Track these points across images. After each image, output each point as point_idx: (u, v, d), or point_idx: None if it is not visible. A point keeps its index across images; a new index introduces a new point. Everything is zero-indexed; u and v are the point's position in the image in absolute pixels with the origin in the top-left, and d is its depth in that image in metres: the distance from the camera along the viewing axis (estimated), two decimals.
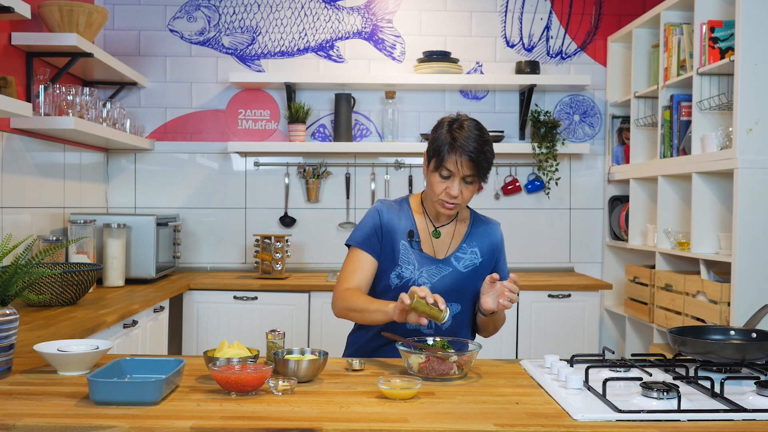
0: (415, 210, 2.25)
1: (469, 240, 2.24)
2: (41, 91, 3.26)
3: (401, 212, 2.23)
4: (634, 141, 4.18)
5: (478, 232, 2.26)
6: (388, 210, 2.22)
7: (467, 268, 2.21)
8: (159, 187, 4.43)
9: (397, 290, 2.15)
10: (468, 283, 2.20)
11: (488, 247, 2.26)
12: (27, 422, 1.43)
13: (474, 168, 2.07)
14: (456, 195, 2.09)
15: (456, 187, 2.08)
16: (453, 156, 2.06)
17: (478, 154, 2.06)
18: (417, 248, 2.19)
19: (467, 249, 2.23)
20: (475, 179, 2.11)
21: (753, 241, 2.99)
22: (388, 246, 2.18)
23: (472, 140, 2.06)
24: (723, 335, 2.01)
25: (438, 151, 2.09)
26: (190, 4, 4.39)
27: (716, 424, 1.47)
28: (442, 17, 4.47)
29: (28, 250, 1.89)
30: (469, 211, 2.31)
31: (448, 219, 2.25)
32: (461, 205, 2.14)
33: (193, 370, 1.87)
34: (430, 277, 2.17)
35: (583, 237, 4.54)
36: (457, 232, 2.25)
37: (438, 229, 2.23)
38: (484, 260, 2.24)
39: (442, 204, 2.13)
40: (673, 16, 3.70)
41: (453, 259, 2.21)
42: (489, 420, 1.48)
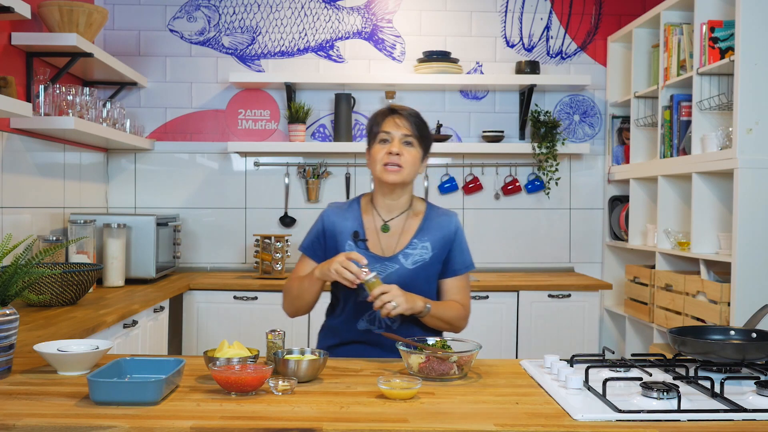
0: (364, 209, 2.24)
1: (421, 234, 2.19)
2: (41, 91, 3.26)
3: (349, 213, 2.23)
4: (634, 141, 4.18)
5: (432, 226, 2.21)
6: (334, 213, 2.24)
7: (415, 264, 2.16)
8: (159, 187, 4.43)
9: (343, 292, 2.18)
10: (415, 280, 2.15)
11: (440, 240, 2.20)
12: (27, 422, 1.43)
13: (410, 127, 2.13)
14: (397, 152, 2.11)
15: (396, 145, 2.12)
16: (389, 119, 2.15)
17: (412, 116, 2.15)
18: (363, 248, 2.18)
19: (418, 244, 2.18)
20: (414, 141, 2.14)
21: (753, 241, 2.98)
22: (332, 249, 2.20)
23: (403, 107, 2.17)
24: (723, 335, 2.01)
25: (374, 123, 2.17)
26: (190, 4, 4.39)
27: (716, 424, 1.47)
28: (442, 17, 4.47)
29: (28, 250, 1.89)
30: (425, 205, 2.27)
31: (398, 211, 2.21)
32: (405, 169, 2.12)
33: (193, 370, 1.87)
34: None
35: (583, 237, 4.54)
36: (409, 226, 2.21)
37: (387, 223, 2.20)
38: (435, 254, 2.18)
39: (384, 169, 2.12)
40: (673, 16, 3.70)
41: (401, 256, 2.17)
42: (489, 420, 1.48)
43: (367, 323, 2.18)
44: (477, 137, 4.47)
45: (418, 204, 2.26)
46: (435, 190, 4.48)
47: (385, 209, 2.21)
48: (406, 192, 2.21)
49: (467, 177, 4.48)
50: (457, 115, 4.48)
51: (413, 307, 2.03)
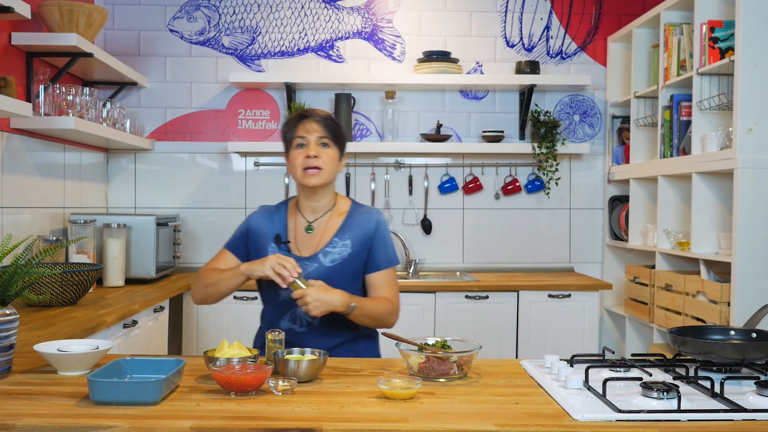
0: (290, 211, 2.29)
1: (342, 233, 2.23)
2: (41, 91, 3.26)
3: (275, 216, 2.28)
4: (634, 141, 4.18)
5: (353, 224, 2.25)
6: (260, 216, 2.30)
7: (334, 262, 2.19)
8: (159, 187, 4.43)
9: (265, 292, 2.23)
10: (334, 277, 2.17)
11: (361, 237, 2.22)
12: (27, 422, 1.43)
13: (324, 129, 2.17)
14: (315, 154, 2.15)
15: (312, 148, 2.16)
16: (302, 124, 2.19)
17: (326, 118, 2.19)
18: (285, 249, 2.22)
19: (338, 242, 2.21)
20: (330, 142, 2.18)
21: (753, 241, 2.98)
22: (255, 251, 2.25)
23: (317, 112, 2.22)
24: (723, 335, 2.01)
25: (288, 129, 2.21)
26: (190, 4, 4.39)
27: (716, 424, 1.47)
28: (442, 17, 4.47)
29: (28, 250, 1.89)
30: (350, 204, 2.31)
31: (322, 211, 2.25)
32: (325, 171, 2.17)
33: (193, 370, 1.87)
34: None
35: (583, 237, 4.54)
36: (331, 225, 2.25)
37: (311, 224, 2.25)
38: (355, 251, 2.21)
39: (305, 173, 2.17)
40: (673, 16, 3.69)
41: (321, 255, 2.20)
42: (489, 420, 1.48)
43: (289, 322, 2.21)
44: (477, 137, 4.47)
45: (342, 203, 2.30)
46: (435, 190, 4.48)
47: (309, 210, 2.26)
48: (328, 192, 2.27)
49: (467, 177, 4.48)
50: (457, 115, 4.48)
51: (329, 308, 2.04)
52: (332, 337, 2.20)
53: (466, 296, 3.91)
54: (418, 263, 4.41)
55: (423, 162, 4.47)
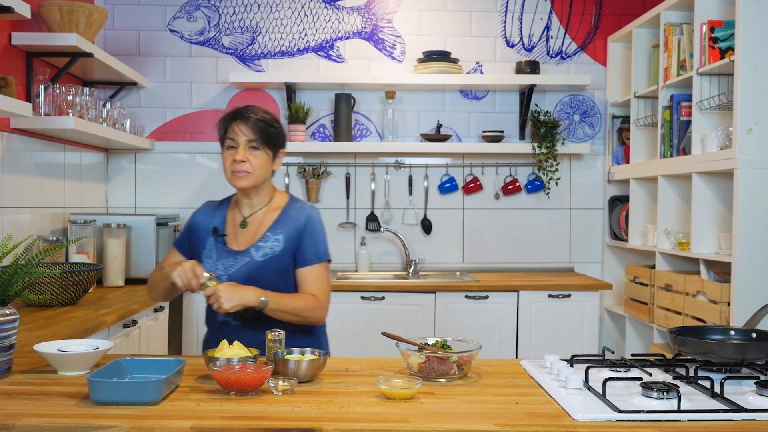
0: (231, 206, 2.32)
1: (275, 228, 2.24)
2: (41, 91, 3.26)
3: (218, 211, 2.32)
4: (634, 141, 4.18)
5: (286, 219, 2.25)
6: (202, 211, 2.34)
7: (265, 257, 2.20)
8: (159, 187, 4.43)
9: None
10: (265, 272, 2.18)
11: (292, 232, 2.23)
12: (27, 422, 1.43)
13: (254, 132, 2.16)
14: (241, 159, 2.15)
15: (240, 153, 2.16)
16: (233, 125, 2.17)
17: (257, 122, 2.16)
18: (222, 243, 2.25)
19: (270, 237, 2.22)
20: (259, 145, 2.17)
21: (753, 241, 2.98)
22: (197, 244, 2.28)
23: (251, 111, 2.18)
24: (723, 335, 2.01)
25: (220, 128, 2.22)
26: (190, 4, 4.39)
27: (716, 424, 1.47)
28: (442, 17, 4.47)
29: (28, 250, 1.89)
30: (288, 200, 2.31)
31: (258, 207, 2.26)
32: (253, 174, 2.18)
33: (193, 370, 1.87)
34: (226, 269, 2.21)
35: (583, 237, 4.54)
36: (266, 220, 2.26)
37: (246, 219, 2.26)
38: (287, 246, 2.21)
39: (233, 176, 2.19)
40: (673, 16, 3.69)
41: (252, 249, 2.22)
42: (489, 420, 1.48)
43: (225, 315, 2.22)
44: (477, 137, 4.47)
45: (280, 199, 2.31)
46: (435, 190, 4.48)
47: (247, 206, 2.28)
48: (262, 191, 2.27)
49: (467, 177, 4.48)
50: (457, 115, 4.48)
51: (240, 302, 2.04)
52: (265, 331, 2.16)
53: (466, 296, 3.90)
54: (418, 263, 4.41)
55: (423, 162, 4.47)
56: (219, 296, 2.02)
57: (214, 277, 2.09)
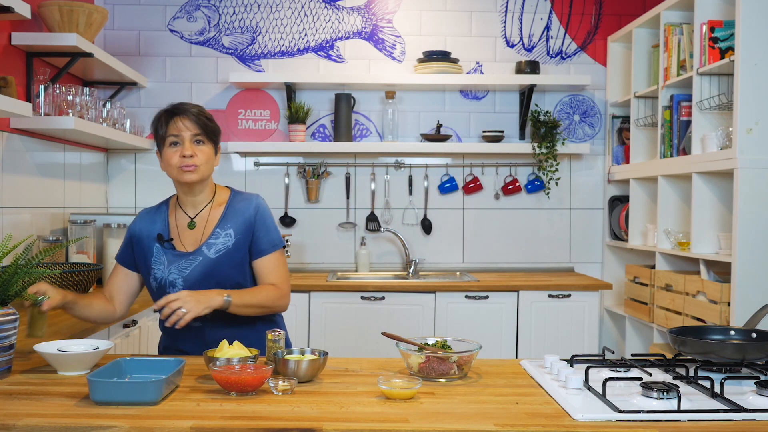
0: (171, 209, 2.28)
1: (223, 223, 2.21)
2: (41, 91, 3.26)
3: (157, 216, 2.27)
4: (634, 141, 4.18)
5: (233, 212, 2.22)
6: (140, 219, 2.29)
7: (218, 253, 2.17)
8: (159, 187, 4.42)
9: (157, 291, 2.19)
10: (219, 268, 2.16)
11: (242, 225, 2.20)
12: (27, 422, 1.43)
13: (197, 126, 2.13)
14: (190, 153, 2.12)
15: (187, 147, 2.13)
16: (174, 121, 2.14)
17: (198, 114, 2.14)
18: (169, 247, 2.20)
19: (220, 233, 2.19)
20: (204, 138, 2.15)
21: (753, 241, 2.98)
22: (141, 253, 2.23)
23: (188, 106, 2.16)
24: (723, 335, 2.01)
25: (159, 125, 2.17)
26: (190, 4, 4.39)
27: (716, 424, 1.47)
28: (442, 17, 4.47)
29: (28, 250, 1.89)
30: (230, 193, 2.28)
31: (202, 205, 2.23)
32: (201, 167, 2.15)
33: (193, 370, 1.87)
34: (180, 271, 2.17)
35: (583, 237, 4.54)
36: (212, 217, 2.22)
37: (193, 219, 2.23)
38: (239, 239, 2.19)
39: (181, 171, 2.14)
40: (673, 16, 3.69)
41: (204, 247, 2.18)
42: (489, 420, 1.48)
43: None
44: (477, 137, 4.47)
45: (222, 194, 2.28)
46: (435, 190, 4.48)
47: (190, 206, 2.25)
48: (206, 186, 2.24)
49: (467, 177, 4.48)
50: (457, 115, 4.48)
51: (209, 305, 2.02)
52: (231, 327, 2.16)
53: (466, 296, 3.90)
54: (418, 263, 4.41)
55: (423, 162, 4.47)
56: (179, 307, 1.97)
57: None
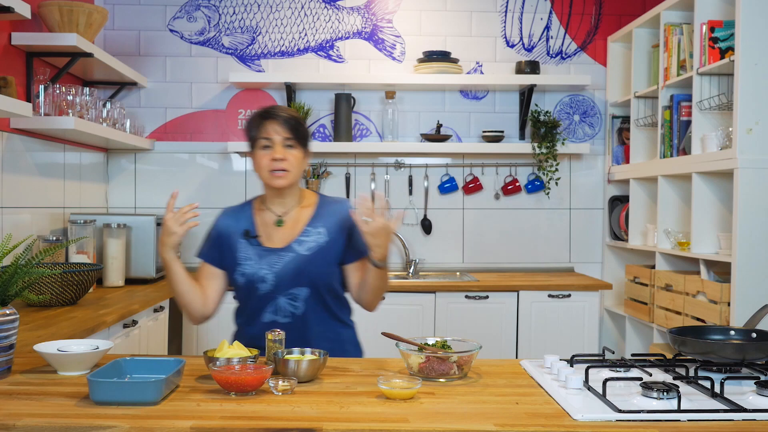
0: (257, 208, 2.30)
1: (314, 222, 2.24)
2: (41, 91, 3.26)
3: (241, 214, 2.30)
4: (634, 141, 4.18)
5: (325, 213, 2.27)
6: (225, 217, 2.32)
7: (311, 250, 2.20)
8: (159, 187, 4.43)
9: (244, 287, 2.22)
10: (313, 264, 2.19)
11: (336, 225, 2.24)
12: (27, 422, 1.43)
13: (288, 131, 2.16)
14: (281, 157, 2.15)
15: (279, 151, 2.16)
16: (266, 125, 2.17)
17: (289, 118, 2.17)
18: (256, 244, 2.23)
19: (312, 231, 2.23)
20: (295, 143, 2.17)
21: (753, 241, 2.98)
22: (227, 250, 2.26)
23: (279, 110, 2.20)
24: (723, 335, 2.01)
25: (250, 129, 2.20)
26: (190, 4, 4.39)
27: (716, 424, 1.47)
28: (442, 17, 4.47)
29: (28, 250, 1.89)
30: (317, 196, 2.33)
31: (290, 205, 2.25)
32: (291, 172, 2.18)
33: (193, 370, 1.87)
34: (270, 266, 2.19)
35: (583, 237, 4.54)
36: (302, 217, 2.26)
37: (281, 218, 2.25)
38: (332, 239, 2.23)
39: (272, 174, 2.17)
40: (673, 16, 3.69)
41: (295, 244, 2.21)
42: (489, 420, 1.48)
43: (272, 314, 2.21)
44: (477, 137, 4.47)
45: (310, 196, 2.32)
46: (435, 190, 4.48)
47: (278, 206, 2.27)
48: (295, 190, 2.28)
49: (467, 177, 4.48)
50: (457, 115, 4.48)
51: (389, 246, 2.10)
52: (315, 326, 2.21)
53: (466, 296, 3.90)
54: (418, 263, 4.41)
55: (423, 162, 4.47)
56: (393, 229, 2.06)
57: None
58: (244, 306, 2.27)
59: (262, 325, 2.19)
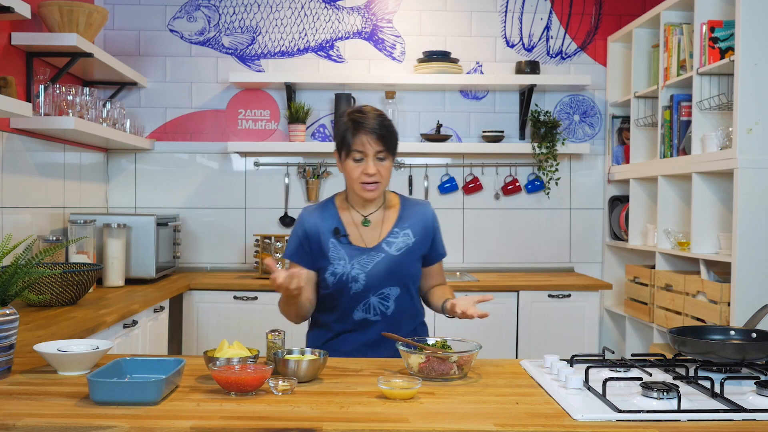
0: (340, 207, 2.30)
1: (401, 223, 2.28)
2: (41, 91, 3.26)
3: (325, 213, 2.29)
4: (634, 141, 4.18)
5: (409, 214, 2.30)
6: (311, 216, 2.30)
7: (400, 251, 2.24)
8: (159, 187, 4.43)
9: (335, 286, 2.22)
10: (402, 264, 2.24)
11: (420, 227, 2.29)
12: (27, 422, 1.43)
13: (381, 143, 2.15)
14: (373, 172, 2.16)
15: (371, 165, 2.16)
16: (359, 137, 2.15)
17: (382, 129, 2.16)
18: (346, 242, 2.24)
19: (399, 232, 2.26)
20: (386, 155, 2.18)
21: (753, 241, 2.98)
22: (317, 249, 2.25)
23: (371, 119, 2.16)
24: (723, 335, 2.01)
25: (344, 138, 2.18)
26: (190, 4, 4.39)
27: (716, 424, 1.47)
28: (442, 17, 4.47)
29: (28, 250, 1.89)
30: (398, 197, 2.36)
31: (375, 206, 2.28)
32: (382, 183, 2.20)
33: (193, 370, 1.87)
34: (362, 266, 2.21)
35: (583, 237, 4.54)
36: (387, 218, 2.29)
37: (367, 218, 2.27)
38: (418, 240, 2.28)
39: (363, 187, 2.19)
40: (673, 16, 3.69)
41: (384, 244, 2.24)
42: (489, 420, 1.48)
43: (363, 312, 2.24)
44: (477, 137, 4.47)
45: (391, 197, 2.35)
46: (435, 190, 4.48)
47: (362, 206, 2.29)
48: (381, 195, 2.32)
49: (467, 177, 4.48)
50: (457, 115, 4.48)
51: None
52: (403, 324, 2.27)
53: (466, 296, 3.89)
54: None
55: (423, 162, 4.47)
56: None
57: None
58: (335, 304, 2.27)
59: (354, 322, 2.24)
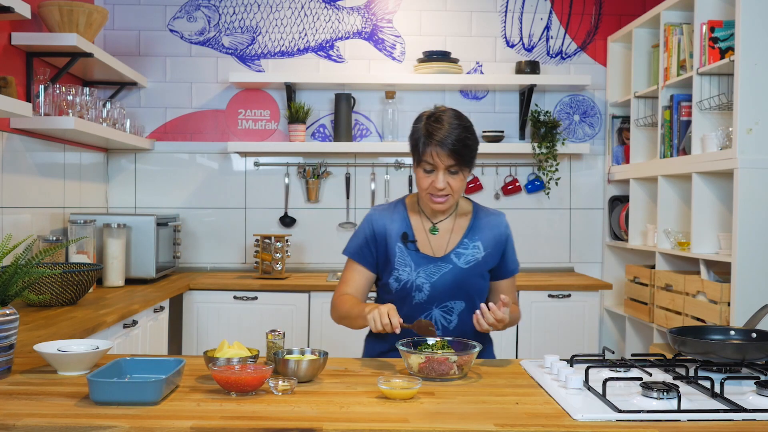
0: (410, 209, 2.22)
1: (471, 234, 2.18)
2: (41, 91, 3.26)
3: (395, 215, 2.21)
4: (634, 141, 4.18)
5: (481, 225, 2.20)
6: (380, 216, 2.21)
7: (468, 264, 2.15)
8: (159, 187, 4.43)
9: (397, 293, 2.15)
10: (470, 279, 2.15)
11: (492, 240, 2.19)
12: (27, 422, 1.43)
13: (453, 158, 2.04)
14: (442, 187, 2.07)
15: (441, 180, 2.06)
16: (430, 149, 2.05)
17: (455, 144, 2.03)
18: (413, 249, 2.16)
19: (469, 244, 2.17)
20: (459, 169, 2.07)
21: (753, 241, 2.98)
22: (383, 252, 2.18)
23: (445, 131, 2.03)
24: (723, 335, 2.01)
25: (416, 146, 2.09)
26: (190, 4, 4.39)
27: (716, 424, 1.47)
28: (442, 17, 4.47)
29: (28, 250, 1.89)
30: (472, 204, 2.26)
31: (445, 214, 2.20)
32: (452, 196, 2.11)
33: (193, 370, 1.87)
34: (428, 276, 2.14)
35: (583, 237, 4.54)
36: (458, 226, 2.20)
37: (436, 225, 2.19)
38: (488, 254, 2.18)
39: (430, 199, 2.11)
40: (673, 16, 3.69)
41: (453, 255, 2.16)
42: (489, 420, 1.48)
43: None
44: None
45: (464, 204, 2.25)
46: None
47: (432, 213, 2.20)
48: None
49: None
50: None
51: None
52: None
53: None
54: None
55: None
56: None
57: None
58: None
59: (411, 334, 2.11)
